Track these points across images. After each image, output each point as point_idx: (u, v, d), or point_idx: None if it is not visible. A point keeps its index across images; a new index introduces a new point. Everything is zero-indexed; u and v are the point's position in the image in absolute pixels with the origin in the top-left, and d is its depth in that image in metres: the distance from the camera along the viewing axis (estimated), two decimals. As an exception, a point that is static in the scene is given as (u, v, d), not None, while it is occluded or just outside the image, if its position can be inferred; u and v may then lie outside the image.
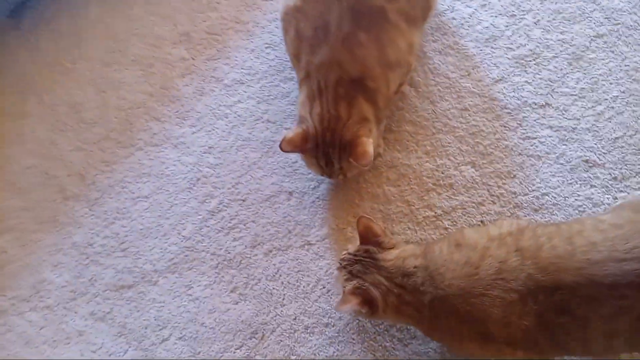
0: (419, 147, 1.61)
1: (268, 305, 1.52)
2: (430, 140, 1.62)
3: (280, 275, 1.55)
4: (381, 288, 1.15)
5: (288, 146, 1.36)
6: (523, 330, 1.06)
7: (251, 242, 1.60)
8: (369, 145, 1.33)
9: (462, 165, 1.58)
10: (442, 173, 1.58)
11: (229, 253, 1.60)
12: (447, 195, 1.56)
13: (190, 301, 1.56)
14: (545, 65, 1.63)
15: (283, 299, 1.53)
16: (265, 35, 1.81)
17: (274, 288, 1.54)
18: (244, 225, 1.63)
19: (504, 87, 1.63)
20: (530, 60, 1.64)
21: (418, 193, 1.56)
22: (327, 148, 1.37)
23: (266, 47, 1.80)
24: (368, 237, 1.26)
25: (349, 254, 1.26)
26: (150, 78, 1.83)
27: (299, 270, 1.55)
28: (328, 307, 1.49)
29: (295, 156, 1.67)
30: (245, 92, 1.76)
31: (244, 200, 1.65)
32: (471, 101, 1.63)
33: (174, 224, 1.66)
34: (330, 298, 1.51)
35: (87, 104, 1.84)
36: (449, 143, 1.61)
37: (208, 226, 1.64)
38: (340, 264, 1.22)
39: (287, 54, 1.58)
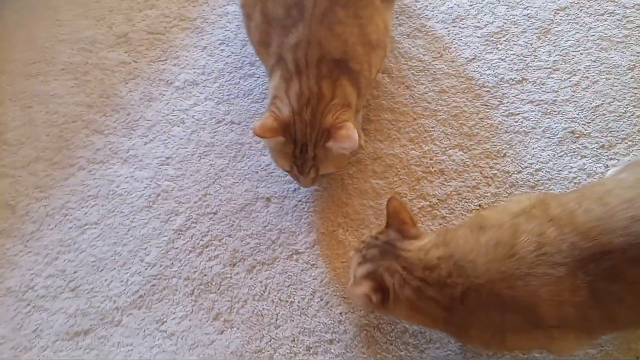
0: (401, 135, 1.48)
1: (260, 329, 1.29)
2: (412, 127, 1.49)
3: (270, 293, 1.33)
4: (396, 277, 0.98)
5: (263, 130, 1.13)
6: (576, 307, 0.92)
7: (230, 260, 1.37)
8: (353, 130, 1.16)
9: (450, 149, 1.46)
10: (431, 159, 1.45)
11: (205, 275, 1.36)
12: (439, 182, 1.42)
13: (165, 338, 1.29)
14: (515, 41, 1.56)
15: (276, 320, 1.30)
16: (217, 31, 1.61)
17: (263, 308, 1.32)
18: (219, 242, 1.39)
19: (479, 66, 1.54)
20: (500, 37, 1.57)
21: (408, 183, 1.41)
22: (305, 129, 1.15)
23: (220, 44, 1.59)
24: (394, 222, 1.07)
25: (371, 236, 1.07)
26: (85, 87, 1.55)
27: (290, 284, 1.34)
28: (329, 321, 1.29)
29: (268, 158, 1.47)
30: (201, 93, 1.54)
31: (215, 213, 1.42)
32: (448, 82, 1.53)
33: (134, 251, 1.39)
34: (331, 310, 1.31)
35: (11, 123, 1.53)
36: (432, 127, 1.48)
37: (176, 248, 1.39)
38: (358, 247, 1.07)
39: (251, 43, 1.38)
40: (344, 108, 1.17)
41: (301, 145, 1.17)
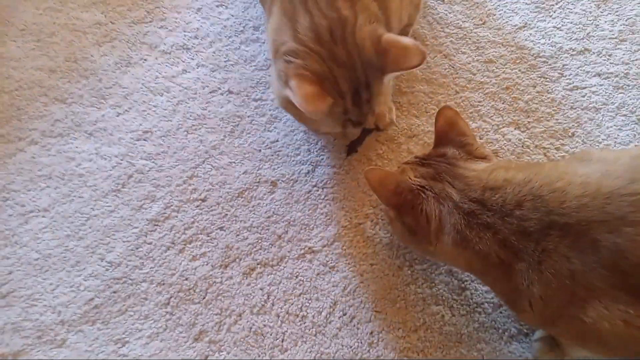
0: (442, 110, 1.15)
1: (259, 353, 0.91)
2: (455, 100, 1.17)
3: (274, 304, 0.96)
4: (446, 204, 0.74)
5: (313, 102, 0.79)
6: None
7: (221, 260, 1.00)
8: (402, 37, 0.83)
9: (503, 126, 1.14)
10: (480, 138, 1.13)
11: (186, 280, 0.99)
12: (493, 166, 1.09)
13: (127, 365, 0.90)
14: (571, 9, 1.28)
15: (282, 341, 0.92)
16: (214, -8, 1.31)
17: (265, 325, 0.94)
18: (207, 236, 1.03)
19: (530, 34, 1.25)
20: (552, 5, 1.29)
21: None
22: (347, 72, 0.83)
23: (217, 6, 1.29)
24: (449, 137, 0.80)
25: (416, 157, 0.83)
26: (49, 50, 1.23)
27: (301, 293, 0.97)
28: (356, 343, 0.91)
29: (276, 132, 1.13)
30: (192, 59, 1.22)
31: (203, 200, 1.07)
32: (495, 51, 1.23)
33: (92, 246, 1.02)
34: (357, 329, 0.93)
35: (-51, 88, 1.19)
36: (479, 102, 1.17)
37: (149, 243, 1.02)
38: (408, 160, 0.84)
39: None
40: (373, 20, 0.85)
41: (351, 95, 0.85)
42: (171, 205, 1.03)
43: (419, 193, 0.76)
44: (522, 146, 1.09)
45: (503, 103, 1.14)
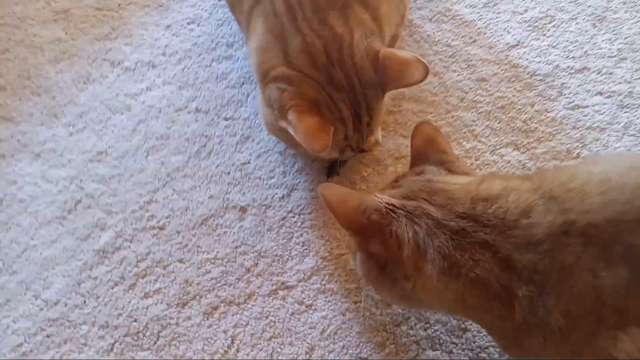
0: (432, 130, 1.04)
1: (219, 411, 0.74)
2: (446, 120, 1.06)
3: (239, 350, 0.79)
4: (423, 224, 0.59)
5: (319, 141, 0.70)
6: None
7: (178, 297, 0.84)
8: (400, 50, 0.75)
9: (501, 147, 1.02)
10: (476, 160, 1.01)
11: (135, 321, 0.82)
12: (491, 189, 0.96)
13: None
14: (565, 28, 1.20)
15: (248, 395, 0.75)
16: (186, 9, 1.21)
17: (227, 376, 0.77)
18: (163, 269, 0.87)
19: (525, 52, 1.16)
20: (546, 24, 1.21)
21: None
22: (347, 96, 0.75)
23: (188, 23, 1.19)
24: (427, 154, 0.67)
25: (391, 181, 0.68)
26: (1, 67, 1.11)
27: (272, 337, 0.81)
28: (337, 398, 0.74)
29: (247, 153, 1.00)
30: (158, 76, 1.11)
31: (161, 229, 0.92)
32: (487, 70, 1.13)
33: (27, 281, 0.86)
34: (339, 379, 0.76)
35: None
36: (474, 121, 1.06)
37: (94, 277, 0.86)
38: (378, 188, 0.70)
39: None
40: (369, 34, 0.75)
41: (352, 120, 0.76)
42: (123, 235, 0.88)
43: (388, 213, 0.60)
44: (523, 168, 0.97)
45: (499, 122, 1.03)
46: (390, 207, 0.60)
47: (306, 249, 0.87)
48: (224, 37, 1.13)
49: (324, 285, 0.84)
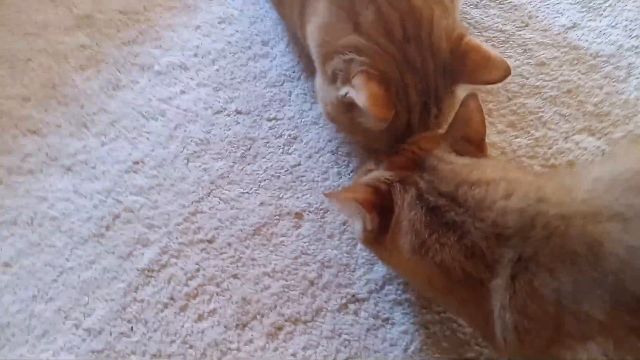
0: (495, 119, 0.94)
1: None
2: (510, 108, 0.96)
3: (311, 375, 0.68)
4: (410, 193, 0.57)
5: (381, 106, 0.62)
6: None
7: (236, 318, 0.74)
8: (483, 47, 0.64)
9: (574, 133, 0.92)
10: (549, 148, 0.90)
11: (191, 348, 0.71)
12: (571, 180, 0.85)
13: None
14: (622, 7, 1.10)
15: None
16: (216, 8, 1.13)
17: (301, 406, 0.65)
18: (217, 287, 0.77)
19: (583, 34, 1.06)
20: (601, 3, 1.11)
21: None
22: (419, 79, 0.65)
23: (219, 22, 1.10)
24: (455, 131, 0.63)
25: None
26: (24, 76, 1.02)
27: (349, 357, 0.70)
28: None
29: (297, 155, 0.90)
30: (191, 79, 1.01)
31: (210, 241, 0.81)
32: (546, 53, 1.03)
33: (65, 310, 0.75)
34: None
35: None
36: (540, 108, 0.95)
37: (141, 300, 0.76)
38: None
39: None
40: (447, 15, 0.65)
41: (419, 109, 0.66)
42: (169, 250, 0.77)
43: (387, 184, 0.59)
44: (602, 155, 0.86)
45: (568, 108, 0.92)
46: (387, 179, 0.59)
47: (374, 256, 0.76)
48: (259, 35, 1.04)
49: (400, 295, 0.73)
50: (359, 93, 0.60)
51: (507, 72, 0.61)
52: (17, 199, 0.84)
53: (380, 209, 0.59)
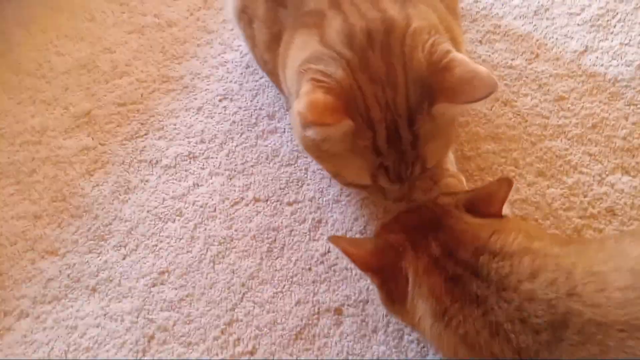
0: (522, 169, 0.89)
1: None
2: (535, 155, 0.91)
3: None
4: (424, 258, 0.56)
5: (317, 111, 0.55)
6: None
7: None
8: (472, 62, 0.58)
9: (608, 174, 0.87)
10: (585, 196, 0.85)
11: None
12: (614, 227, 0.81)
13: None
14: (633, 20, 1.05)
15: None
16: (214, 85, 1.09)
17: None
18: (267, 405, 0.73)
19: (597, 57, 1.01)
20: (609, 20, 1.06)
21: (562, 236, 0.80)
22: (384, 93, 0.58)
23: (220, 100, 1.06)
24: (477, 204, 0.61)
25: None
26: (31, 191, 0.99)
27: None
28: None
29: (322, 243, 0.86)
30: (202, 168, 0.97)
31: (252, 353, 0.78)
32: (563, 86, 0.98)
33: None
34: None
35: None
36: (566, 150, 0.91)
37: None
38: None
39: (253, 54, 0.87)
40: (434, 33, 0.61)
41: (386, 127, 0.59)
42: (210, 369, 0.74)
43: (397, 250, 0.59)
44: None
45: (596, 145, 0.88)
46: (399, 243, 0.58)
47: (424, 347, 0.72)
48: (263, 109, 1.00)
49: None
50: (300, 99, 0.54)
51: (492, 88, 0.54)
52: (46, 332, 0.81)
53: (382, 270, 0.58)
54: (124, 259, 0.86)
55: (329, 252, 0.82)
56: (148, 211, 0.91)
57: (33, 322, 0.82)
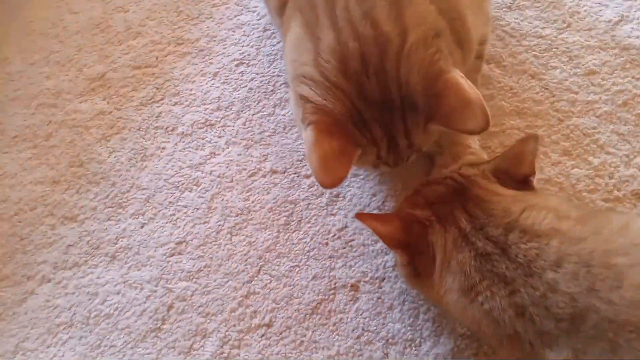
0: (547, 147, 0.86)
1: None
2: (562, 132, 0.88)
3: None
4: (452, 231, 0.56)
5: (329, 172, 0.58)
6: None
7: None
8: (469, 85, 0.56)
9: (636, 155, 0.84)
10: (610, 178, 0.83)
11: None
12: (638, 212, 0.79)
13: None
14: (674, -13, 0.98)
15: None
16: (230, 49, 1.05)
17: None
18: (284, 376, 0.75)
19: (632, 29, 0.95)
20: (649, -14, 0.99)
21: None
22: (380, 114, 0.59)
23: (237, 65, 1.03)
24: (505, 165, 0.61)
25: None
26: (49, 156, 0.98)
27: None
28: None
29: (342, 215, 0.86)
30: (219, 137, 0.96)
31: (268, 326, 0.79)
32: (594, 59, 0.93)
33: None
34: None
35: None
36: (594, 128, 0.87)
37: None
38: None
39: (271, 16, 0.84)
40: (433, 43, 0.58)
41: (387, 140, 0.62)
42: (229, 340, 0.75)
43: (425, 221, 0.58)
44: (667, 182, 0.79)
45: (625, 124, 0.84)
46: (425, 217, 0.58)
47: (439, 326, 0.73)
48: (280, 75, 0.97)
49: (473, 369, 0.70)
50: (309, 153, 0.57)
51: (484, 124, 0.54)
52: (68, 297, 0.83)
53: (409, 246, 0.58)
54: (142, 227, 0.86)
55: (345, 227, 0.82)
56: (165, 180, 0.90)
57: (54, 287, 0.84)
